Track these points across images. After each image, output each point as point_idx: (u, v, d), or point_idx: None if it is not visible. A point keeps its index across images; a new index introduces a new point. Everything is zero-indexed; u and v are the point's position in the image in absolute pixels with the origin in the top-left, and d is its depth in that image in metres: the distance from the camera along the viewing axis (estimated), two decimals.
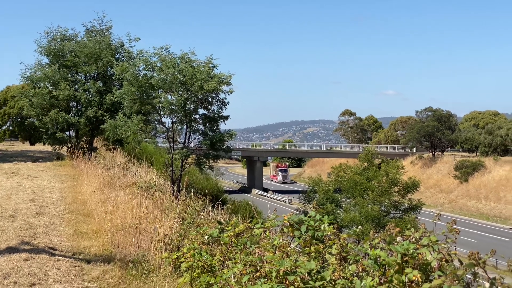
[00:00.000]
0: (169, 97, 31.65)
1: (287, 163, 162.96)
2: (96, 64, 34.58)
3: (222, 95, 32.33)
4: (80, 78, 36.10)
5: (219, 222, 7.33)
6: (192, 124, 32.74)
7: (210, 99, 32.17)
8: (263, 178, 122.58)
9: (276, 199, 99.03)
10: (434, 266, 4.39)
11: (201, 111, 33.17)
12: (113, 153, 37.18)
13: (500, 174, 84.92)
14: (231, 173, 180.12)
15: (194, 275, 6.30)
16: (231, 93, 31.98)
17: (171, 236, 9.73)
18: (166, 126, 33.18)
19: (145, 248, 9.74)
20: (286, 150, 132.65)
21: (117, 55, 35.76)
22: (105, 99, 33.61)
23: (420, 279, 4.26)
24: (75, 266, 8.90)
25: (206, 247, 7.06)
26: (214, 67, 31.61)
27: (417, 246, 4.55)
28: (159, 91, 31.61)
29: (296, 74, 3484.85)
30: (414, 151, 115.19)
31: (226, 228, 6.86)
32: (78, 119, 33.98)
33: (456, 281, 4.00)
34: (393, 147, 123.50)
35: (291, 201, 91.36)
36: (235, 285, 5.31)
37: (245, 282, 5.34)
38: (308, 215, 5.98)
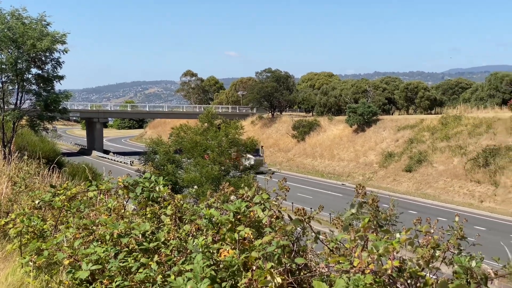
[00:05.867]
0: None
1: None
2: None
3: (56, 54, 31.20)
4: None
5: (52, 186, 7.08)
6: (25, 84, 31.34)
7: (43, 58, 30.90)
8: (104, 140, 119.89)
9: (118, 161, 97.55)
10: (266, 223, 4.49)
11: (34, 70, 31.85)
12: None
13: (334, 133, 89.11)
14: (70, 135, 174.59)
15: (24, 241, 6.06)
16: (66, 52, 30.94)
17: (0, 201, 9.26)
18: None
19: None
20: (127, 111, 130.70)
21: None
22: None
23: (252, 236, 4.35)
24: None
25: (38, 212, 6.80)
26: (48, 24, 30.32)
27: (250, 204, 4.64)
28: None
29: (138, 34, 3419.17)
30: (255, 112, 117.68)
31: (59, 191, 6.64)
32: None
33: (285, 237, 4.12)
34: (234, 108, 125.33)
35: (132, 162, 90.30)
36: (67, 249, 5.16)
37: (77, 246, 5.21)
38: (143, 177, 5.92)
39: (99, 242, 5.14)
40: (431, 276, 3.56)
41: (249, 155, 77.11)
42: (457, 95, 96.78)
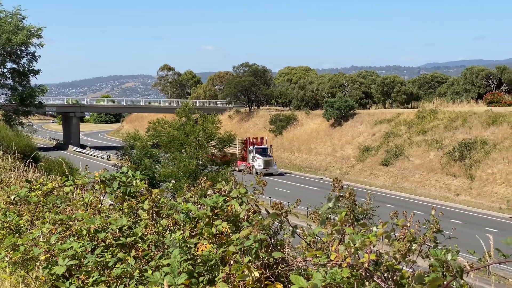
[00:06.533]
0: None
1: (266, 137, 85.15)
2: None
3: (32, 48, 30.94)
4: None
5: (28, 181, 7.03)
6: (0, 78, 31.02)
7: (19, 52, 30.61)
8: (80, 134, 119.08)
9: (94, 156, 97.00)
10: (243, 217, 4.50)
11: (9, 64, 31.54)
12: None
13: (311, 127, 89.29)
14: (46, 130, 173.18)
15: None
16: (42, 46, 30.68)
17: None
18: None
19: None
20: (104, 106, 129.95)
21: None
22: None
23: (229, 230, 4.36)
24: None
25: (14, 207, 6.74)
26: (23, 18, 30.03)
27: (227, 198, 4.64)
28: None
29: (114, 28, 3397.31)
30: (232, 106, 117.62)
31: (35, 186, 6.59)
32: None
33: (263, 231, 4.13)
34: (211, 102, 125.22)
35: (109, 157, 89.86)
36: (43, 245, 5.12)
37: (54, 241, 5.18)
38: (120, 171, 5.90)
39: (76, 237, 5.12)
40: (407, 269, 3.60)
41: (257, 155, 75.55)
42: (433, 89, 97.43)
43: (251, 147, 77.21)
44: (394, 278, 3.46)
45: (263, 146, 78.99)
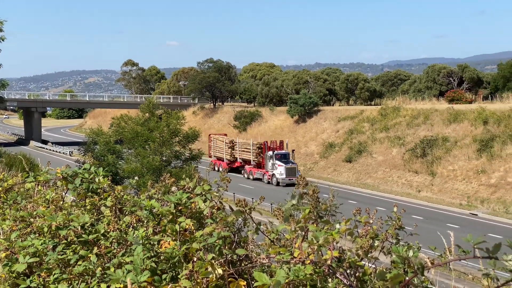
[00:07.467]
0: None
1: (286, 140, 72.44)
2: None
3: None
4: None
5: None
6: None
7: None
8: (42, 130, 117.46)
9: (56, 151, 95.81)
10: (207, 214, 4.49)
11: None
12: None
13: (275, 123, 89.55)
14: (7, 125, 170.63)
15: None
16: (3, 40, 30.15)
17: None
18: None
19: None
20: (67, 101, 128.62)
21: None
22: None
23: (193, 227, 4.34)
24: None
25: None
26: None
27: (191, 195, 4.63)
28: None
29: (76, 21, 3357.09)
30: (196, 102, 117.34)
31: None
32: None
33: (226, 228, 4.13)
34: (175, 98, 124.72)
35: (72, 153, 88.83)
36: (3, 242, 5.04)
37: (14, 238, 5.10)
38: (83, 167, 5.83)
39: (37, 235, 5.04)
40: (370, 265, 3.63)
41: (277, 162, 65.03)
42: (396, 86, 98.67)
43: (270, 153, 67.00)
44: (357, 274, 3.48)
45: (283, 151, 68.10)
